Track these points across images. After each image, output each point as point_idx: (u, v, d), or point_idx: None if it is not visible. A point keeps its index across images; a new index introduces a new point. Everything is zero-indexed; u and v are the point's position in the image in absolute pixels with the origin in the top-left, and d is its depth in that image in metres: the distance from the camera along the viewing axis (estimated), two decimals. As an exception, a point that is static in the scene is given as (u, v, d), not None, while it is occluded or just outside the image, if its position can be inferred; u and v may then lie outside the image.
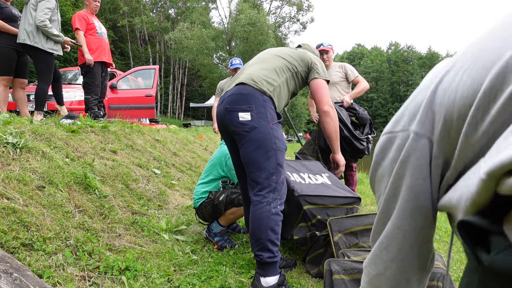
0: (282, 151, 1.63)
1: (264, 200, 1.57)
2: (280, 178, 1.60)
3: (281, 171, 1.61)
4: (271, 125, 1.60)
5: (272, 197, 1.57)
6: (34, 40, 3.33)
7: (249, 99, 1.62)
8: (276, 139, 1.60)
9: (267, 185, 1.58)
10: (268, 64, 1.76)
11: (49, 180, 2.01)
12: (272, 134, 1.59)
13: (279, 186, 1.60)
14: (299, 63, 1.79)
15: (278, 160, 1.60)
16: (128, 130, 3.97)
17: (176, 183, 3.46)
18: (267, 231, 1.55)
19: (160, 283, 1.65)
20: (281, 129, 1.69)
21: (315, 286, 1.82)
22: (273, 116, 1.64)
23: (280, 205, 1.60)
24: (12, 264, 1.21)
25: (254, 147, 1.60)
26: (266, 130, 1.59)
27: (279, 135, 1.62)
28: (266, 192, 1.57)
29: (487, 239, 0.38)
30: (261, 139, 1.58)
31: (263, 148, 1.58)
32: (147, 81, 7.30)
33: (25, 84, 3.84)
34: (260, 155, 1.59)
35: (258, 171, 1.59)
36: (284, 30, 33.51)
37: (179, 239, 2.29)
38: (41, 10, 3.31)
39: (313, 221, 2.04)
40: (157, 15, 29.70)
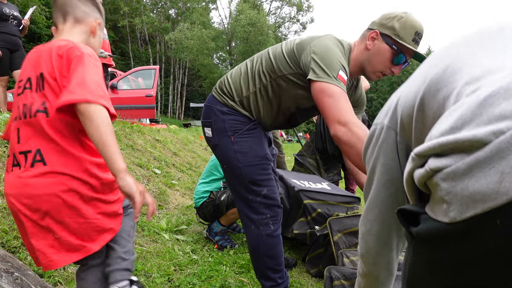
0: (255, 165, 1.37)
1: (250, 224, 1.39)
2: (258, 195, 1.37)
3: (257, 189, 1.37)
4: (233, 139, 1.37)
5: (257, 218, 1.37)
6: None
7: (209, 112, 1.43)
8: (240, 154, 1.36)
9: (247, 207, 1.39)
10: (248, 67, 1.43)
11: (50, 180, 2.01)
12: (233, 150, 1.36)
13: (262, 205, 1.37)
14: (287, 63, 1.33)
15: (248, 178, 1.36)
16: (129, 130, 3.98)
17: (176, 183, 3.46)
18: (263, 258, 1.39)
19: (160, 283, 1.65)
20: (257, 136, 1.41)
21: (315, 285, 1.83)
22: (237, 127, 1.37)
23: (273, 224, 1.39)
24: (13, 264, 1.21)
25: (223, 167, 1.45)
26: (226, 147, 1.38)
27: (245, 148, 1.36)
28: (250, 215, 1.39)
29: (417, 219, 0.51)
30: (224, 158, 1.41)
31: (229, 168, 1.41)
32: (147, 81, 7.31)
33: None
34: (228, 175, 1.43)
35: (234, 194, 1.44)
36: (284, 31, 33.54)
37: (179, 238, 2.30)
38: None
39: (313, 214, 2.05)
40: (157, 16, 29.73)
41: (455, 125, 0.44)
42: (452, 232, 0.44)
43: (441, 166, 0.44)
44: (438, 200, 0.46)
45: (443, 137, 0.45)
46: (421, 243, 0.51)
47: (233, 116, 1.39)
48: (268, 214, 1.38)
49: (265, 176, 1.39)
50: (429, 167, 0.46)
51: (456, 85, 0.51)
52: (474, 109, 0.43)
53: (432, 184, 0.47)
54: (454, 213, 0.43)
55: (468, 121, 0.43)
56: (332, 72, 1.20)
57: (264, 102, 1.40)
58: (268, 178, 1.40)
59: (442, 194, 0.44)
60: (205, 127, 1.46)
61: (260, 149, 1.39)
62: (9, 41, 3.56)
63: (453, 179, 0.43)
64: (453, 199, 0.43)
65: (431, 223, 0.47)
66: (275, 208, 1.40)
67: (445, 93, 0.53)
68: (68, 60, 0.90)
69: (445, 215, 0.44)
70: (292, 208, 2.19)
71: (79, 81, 0.86)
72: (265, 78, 1.37)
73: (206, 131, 1.45)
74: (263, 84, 1.37)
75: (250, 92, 1.39)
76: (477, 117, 0.42)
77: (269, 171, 1.42)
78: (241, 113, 1.40)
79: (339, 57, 1.24)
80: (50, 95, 0.91)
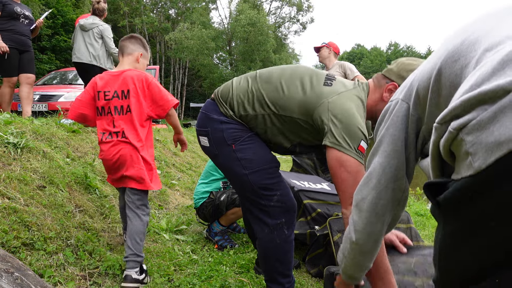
0: (262, 170, 1.32)
1: (264, 228, 1.34)
2: (271, 200, 1.32)
3: (267, 193, 1.32)
4: (234, 147, 1.31)
5: (272, 223, 1.32)
6: (100, 62, 3.89)
7: (205, 121, 1.37)
8: (245, 161, 1.30)
9: (261, 212, 1.34)
10: (254, 87, 1.33)
11: (50, 180, 2.01)
12: (237, 158, 1.30)
13: (277, 209, 1.33)
14: (296, 107, 1.26)
15: (257, 184, 1.31)
16: (129, 130, 3.97)
17: (176, 183, 3.46)
18: (274, 263, 1.36)
19: (161, 283, 1.65)
20: (260, 141, 1.36)
21: (315, 285, 1.83)
22: (237, 135, 1.31)
23: (287, 229, 1.34)
24: (13, 264, 1.21)
25: (227, 176, 1.42)
26: (228, 157, 1.32)
27: (249, 155, 1.30)
28: (264, 218, 1.34)
29: (444, 190, 0.53)
30: (227, 168, 1.36)
31: (234, 178, 1.36)
32: (147, 81, 7.30)
33: (31, 80, 3.75)
34: (236, 185, 1.40)
35: (243, 200, 1.41)
36: (284, 31, 33.51)
37: (179, 238, 2.30)
38: (110, 39, 3.97)
39: (313, 214, 2.05)
40: (157, 16, 29.71)
41: (475, 82, 0.47)
42: (477, 184, 0.46)
43: (464, 122, 0.47)
44: (462, 158, 0.48)
45: (465, 95, 0.47)
46: (449, 210, 0.53)
47: (232, 125, 1.33)
48: (283, 219, 1.33)
49: (275, 179, 1.34)
50: (453, 128, 0.48)
51: (475, 53, 0.53)
52: (496, 65, 0.45)
53: (457, 144, 0.49)
54: (479, 163, 0.45)
55: (488, 77, 0.45)
56: (354, 144, 1.15)
57: (267, 126, 1.34)
58: (278, 181, 1.35)
59: (467, 148, 0.47)
60: (200, 135, 1.40)
61: (265, 153, 1.35)
62: (18, 41, 3.52)
63: (478, 130, 0.45)
64: (478, 148, 0.45)
65: (456, 184, 0.50)
66: (291, 213, 1.36)
67: (462, 62, 0.55)
68: (147, 83, 1.72)
69: (469, 169, 0.46)
70: None
71: (163, 96, 1.74)
72: (269, 109, 1.30)
73: (201, 139, 1.39)
74: (266, 112, 1.31)
75: (252, 114, 1.32)
76: (498, 71, 0.45)
77: (278, 174, 1.38)
78: (240, 123, 1.35)
79: (361, 126, 1.17)
80: (133, 102, 1.68)
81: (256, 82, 1.34)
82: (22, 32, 3.57)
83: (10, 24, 3.48)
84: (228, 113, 1.34)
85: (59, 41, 17.68)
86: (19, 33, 3.54)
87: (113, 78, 1.72)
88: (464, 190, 0.48)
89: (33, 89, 3.92)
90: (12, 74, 3.57)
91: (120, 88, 1.68)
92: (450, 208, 0.53)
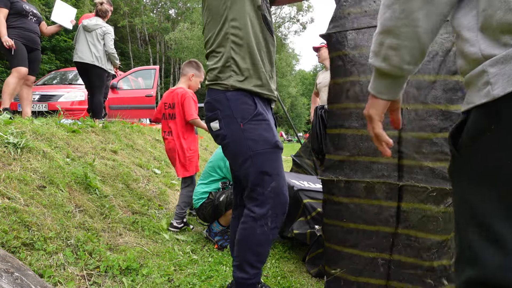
0: (265, 153, 1.31)
1: (251, 215, 1.33)
2: (267, 188, 1.30)
3: (269, 179, 1.30)
4: (242, 126, 1.29)
5: (259, 212, 1.30)
6: (101, 63, 3.93)
7: (213, 105, 1.36)
8: (252, 142, 1.29)
9: (252, 199, 1.33)
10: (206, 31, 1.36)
11: (50, 180, 2.02)
12: (244, 137, 1.29)
13: (268, 199, 1.30)
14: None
15: (259, 167, 1.29)
16: (129, 130, 3.98)
17: (176, 183, 3.46)
18: (246, 252, 1.34)
19: (161, 283, 1.65)
20: (266, 123, 1.33)
21: (315, 285, 1.83)
22: (246, 112, 1.30)
23: (271, 222, 1.31)
24: (13, 264, 1.21)
25: (231, 158, 1.39)
26: (236, 135, 1.31)
27: (255, 136, 1.29)
28: (252, 206, 1.33)
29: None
30: (233, 147, 1.34)
31: (238, 158, 1.33)
32: (147, 81, 7.31)
33: (31, 81, 3.77)
34: (237, 166, 1.36)
35: (245, 183, 1.37)
36: (284, 31, 33.52)
37: (179, 238, 2.30)
38: (110, 40, 4.01)
39: (313, 214, 2.05)
40: (157, 16, 29.72)
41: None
42: (493, 114, 0.49)
43: (493, 54, 0.50)
44: (480, 88, 0.52)
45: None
46: (467, 151, 0.54)
47: (238, 98, 1.30)
48: (270, 210, 1.31)
49: (275, 166, 1.33)
50: (482, 53, 0.51)
51: None
52: None
53: (478, 74, 0.52)
54: (497, 91, 0.48)
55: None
56: None
57: (235, 40, 1.29)
58: (278, 171, 1.33)
59: (489, 78, 0.50)
60: (210, 122, 1.37)
61: (271, 136, 1.32)
62: (28, 39, 3.50)
63: (502, 63, 0.49)
64: (499, 79, 0.49)
65: (473, 117, 0.53)
66: (280, 206, 1.33)
67: None
68: (182, 99, 2.52)
69: (487, 96, 0.50)
70: (292, 207, 2.20)
71: (187, 110, 2.52)
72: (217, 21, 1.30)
73: (212, 126, 1.37)
74: (221, 29, 1.30)
75: (226, 51, 1.30)
76: None
77: (279, 162, 1.35)
78: (244, 91, 1.30)
79: None
80: (176, 111, 2.55)
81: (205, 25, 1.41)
82: (32, 30, 3.56)
83: (20, 21, 3.46)
84: (228, 84, 1.31)
85: (59, 41, 17.69)
86: (29, 30, 3.52)
87: (170, 93, 2.62)
88: (483, 119, 0.51)
89: (32, 89, 3.91)
90: (22, 64, 3.43)
91: (171, 101, 2.57)
92: (468, 151, 0.54)
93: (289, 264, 2.08)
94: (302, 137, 23.12)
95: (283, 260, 2.12)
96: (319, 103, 3.75)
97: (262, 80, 1.33)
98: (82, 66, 3.89)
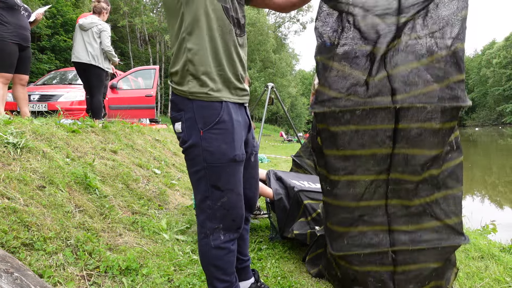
0: (220, 167, 1.21)
1: (202, 231, 1.28)
2: (217, 203, 1.24)
3: (219, 194, 1.24)
4: (202, 134, 1.19)
5: (209, 226, 1.26)
6: (98, 62, 3.89)
7: (177, 103, 1.24)
8: (208, 153, 1.20)
9: (202, 211, 1.27)
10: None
11: (50, 180, 2.01)
12: (202, 147, 1.20)
13: (218, 213, 1.25)
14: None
15: (211, 181, 1.22)
16: (128, 130, 3.98)
17: (176, 183, 3.46)
18: (209, 268, 1.30)
19: (160, 283, 1.65)
20: (228, 132, 1.22)
21: (315, 285, 1.83)
22: (208, 118, 1.19)
23: (224, 235, 1.27)
24: (12, 264, 1.21)
25: (188, 164, 1.29)
26: (194, 143, 1.21)
27: (213, 147, 1.19)
28: (202, 220, 1.28)
29: None
30: (190, 155, 1.25)
31: (193, 166, 1.25)
32: (147, 81, 7.31)
33: (25, 81, 3.69)
34: (191, 176, 1.29)
35: (196, 199, 1.30)
36: (284, 30, 33.53)
37: (179, 239, 2.30)
38: (106, 38, 3.94)
39: (314, 215, 2.05)
40: (157, 15, 29.71)
41: None
42: None
43: None
44: None
45: None
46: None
47: (202, 103, 1.20)
48: (221, 224, 1.26)
49: (228, 181, 1.24)
50: None
51: None
52: None
53: None
54: None
55: None
56: None
57: (195, 38, 1.18)
58: (232, 187, 1.25)
59: None
60: (175, 122, 1.27)
61: (229, 149, 1.22)
62: (22, 37, 3.41)
63: None
64: None
65: None
66: (231, 221, 1.27)
67: None
68: None
69: None
70: (292, 208, 2.20)
71: None
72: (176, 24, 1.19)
73: (176, 127, 1.27)
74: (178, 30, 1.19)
75: (184, 53, 1.19)
76: None
77: (235, 176, 1.26)
78: (210, 98, 1.20)
79: None
80: None
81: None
82: (25, 26, 3.47)
83: (14, 17, 3.36)
84: (187, 89, 1.21)
85: (58, 41, 17.68)
86: (23, 26, 3.43)
87: None
88: None
89: (27, 89, 3.85)
90: (9, 71, 3.43)
91: None
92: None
93: (289, 264, 2.08)
94: (302, 137, 23.13)
95: (283, 260, 2.12)
96: None
97: (224, 84, 1.23)
98: (80, 66, 3.88)
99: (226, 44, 1.22)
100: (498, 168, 10.93)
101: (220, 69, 1.21)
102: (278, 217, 2.36)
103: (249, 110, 1.44)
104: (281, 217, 2.32)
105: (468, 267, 2.08)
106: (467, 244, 2.41)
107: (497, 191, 7.74)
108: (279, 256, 2.18)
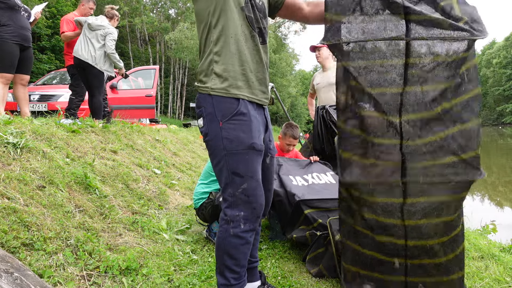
0: (239, 154, 1.28)
1: (224, 218, 1.32)
2: (237, 189, 1.29)
3: (240, 181, 1.28)
4: (221, 124, 1.28)
5: (230, 214, 1.30)
6: (95, 62, 3.88)
7: (200, 101, 1.35)
8: (227, 141, 1.27)
9: (224, 199, 1.33)
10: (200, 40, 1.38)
11: (50, 180, 2.01)
12: (221, 136, 1.27)
13: (239, 200, 1.29)
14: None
15: (231, 168, 1.28)
16: (128, 130, 3.98)
17: (176, 183, 3.46)
18: (223, 255, 1.32)
19: (160, 283, 1.65)
20: (247, 124, 1.30)
21: (315, 285, 1.83)
22: (227, 110, 1.28)
23: (244, 224, 1.30)
24: (12, 264, 1.21)
25: (210, 156, 1.36)
26: (214, 134, 1.29)
27: (231, 135, 1.27)
28: (225, 208, 1.32)
29: None
30: (211, 145, 1.32)
31: (214, 157, 1.32)
32: (147, 81, 7.32)
33: (25, 81, 3.69)
34: (214, 165, 1.35)
35: (219, 183, 1.36)
36: (284, 30, 33.52)
37: (179, 239, 2.30)
38: (110, 41, 3.95)
39: (315, 224, 2.06)
40: (157, 16, 29.71)
41: None
42: None
43: None
44: None
45: None
46: None
47: (221, 98, 1.29)
48: (242, 212, 1.30)
49: (248, 168, 1.29)
50: None
51: None
52: None
53: None
54: None
55: None
56: None
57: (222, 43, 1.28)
58: (251, 174, 1.30)
59: None
60: (198, 119, 1.38)
61: (247, 138, 1.29)
62: (23, 37, 3.41)
63: None
64: None
65: None
66: (252, 209, 1.31)
67: None
68: None
69: None
70: (293, 216, 2.21)
71: None
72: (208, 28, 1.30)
73: (198, 123, 1.37)
74: (210, 37, 1.30)
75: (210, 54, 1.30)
76: None
77: (254, 164, 1.31)
78: (228, 94, 1.29)
79: None
80: None
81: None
82: (25, 26, 3.47)
83: (15, 18, 3.37)
84: (211, 87, 1.30)
85: (58, 41, 17.67)
86: (23, 26, 3.44)
87: None
88: None
89: (27, 89, 3.86)
90: (10, 71, 3.43)
91: None
92: None
93: (289, 264, 2.08)
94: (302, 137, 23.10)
95: (283, 260, 2.12)
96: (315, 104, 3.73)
97: (245, 83, 1.31)
98: (79, 63, 3.89)
99: (249, 47, 1.32)
100: (498, 168, 10.94)
101: (243, 69, 1.30)
102: (279, 218, 2.37)
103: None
104: (281, 218, 2.33)
105: (468, 267, 2.08)
106: (467, 244, 2.41)
107: (497, 191, 7.74)
108: (279, 256, 2.18)
